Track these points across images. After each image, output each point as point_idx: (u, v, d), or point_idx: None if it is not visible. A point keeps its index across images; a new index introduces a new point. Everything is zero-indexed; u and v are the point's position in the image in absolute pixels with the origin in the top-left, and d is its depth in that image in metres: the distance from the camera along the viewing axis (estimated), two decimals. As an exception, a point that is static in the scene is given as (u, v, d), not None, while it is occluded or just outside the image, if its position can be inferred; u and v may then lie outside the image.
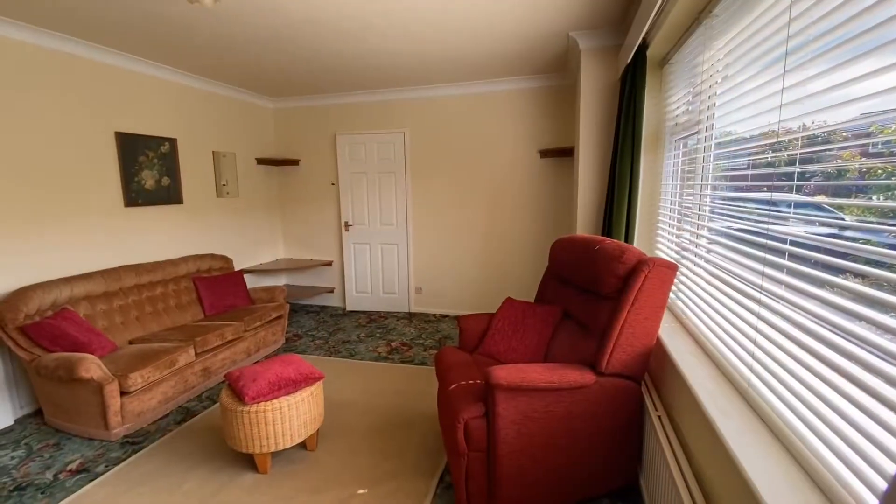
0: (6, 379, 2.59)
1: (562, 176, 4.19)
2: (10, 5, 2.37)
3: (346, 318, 4.75)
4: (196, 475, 2.12)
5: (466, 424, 1.73)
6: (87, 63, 3.04)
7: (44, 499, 1.98)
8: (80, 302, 2.77)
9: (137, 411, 2.47)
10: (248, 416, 2.03)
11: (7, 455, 2.31)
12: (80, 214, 3.03)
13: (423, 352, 3.69)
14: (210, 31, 2.80)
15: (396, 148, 4.64)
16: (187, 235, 3.90)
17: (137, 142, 3.38)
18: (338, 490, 2.01)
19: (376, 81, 4.16)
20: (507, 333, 2.27)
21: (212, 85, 4.07)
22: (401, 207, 4.74)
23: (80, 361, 2.25)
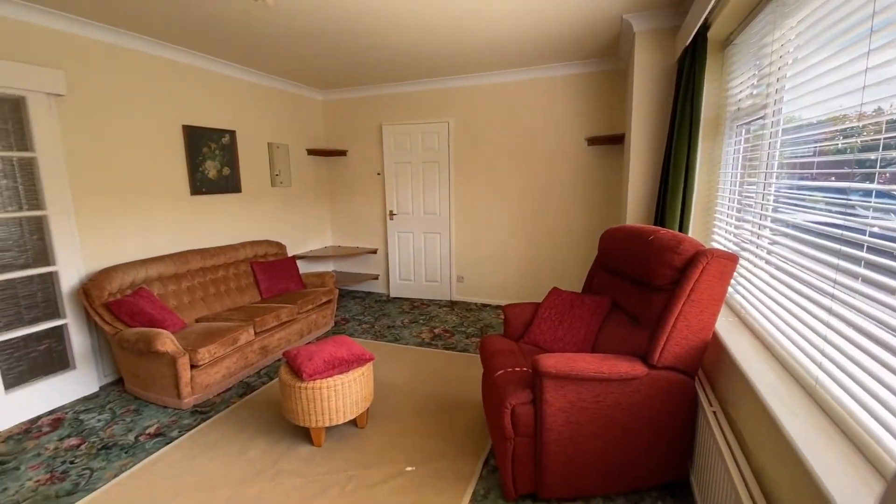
0: (92, 350, 2.89)
1: (610, 164, 4.07)
2: (97, 9, 2.58)
3: (390, 304, 4.88)
4: (258, 444, 2.29)
5: (513, 410, 1.76)
6: (159, 60, 3.27)
7: (127, 458, 2.21)
8: (153, 282, 3.03)
9: (205, 383, 2.69)
10: (305, 391, 2.16)
11: (94, 417, 2.59)
12: (154, 202, 3.29)
13: (465, 339, 3.75)
14: (267, 28, 2.92)
15: (441, 138, 4.68)
16: (245, 222, 4.14)
17: (201, 134, 3.61)
18: (387, 466, 2.11)
19: (422, 71, 4.19)
20: (553, 323, 2.27)
21: (267, 79, 4.26)
22: (444, 197, 4.78)
23: (157, 336, 2.47)
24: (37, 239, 2.63)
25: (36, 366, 2.65)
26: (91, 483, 2.02)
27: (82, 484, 2.02)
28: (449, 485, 1.97)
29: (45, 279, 2.67)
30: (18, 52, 2.50)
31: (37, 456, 2.23)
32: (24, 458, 2.21)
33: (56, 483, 2.03)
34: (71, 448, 2.29)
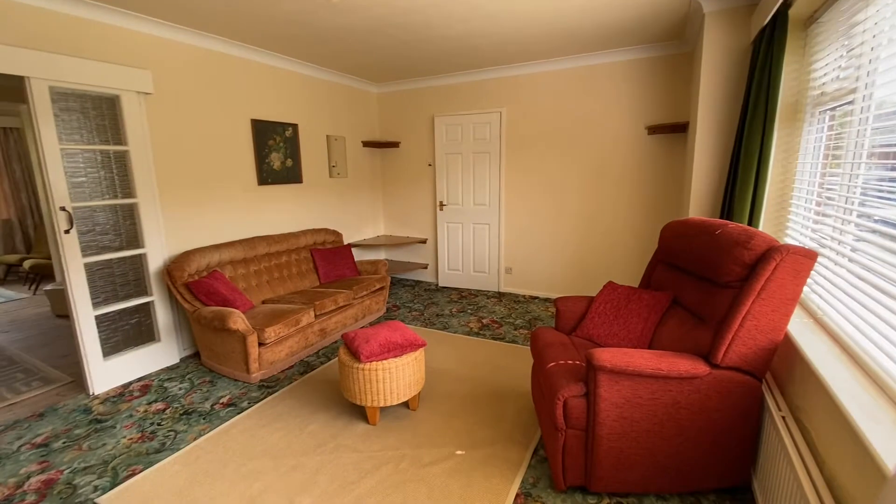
0: (174, 325, 3.19)
1: (672, 154, 3.88)
2: (180, 13, 2.81)
3: (438, 293, 4.98)
4: (318, 419, 2.45)
5: (566, 402, 1.76)
6: (231, 59, 3.50)
7: (205, 423, 2.44)
8: (225, 265, 3.29)
9: (270, 360, 2.90)
10: (363, 372, 2.28)
11: (176, 386, 2.87)
12: (225, 192, 3.55)
13: (513, 330, 3.76)
14: (327, 24, 3.04)
15: (492, 128, 4.65)
16: (305, 211, 4.37)
17: (267, 127, 3.83)
18: (438, 448, 2.19)
19: (475, 61, 4.18)
20: (608, 317, 2.23)
21: (326, 73, 4.42)
22: (494, 188, 4.77)
23: (230, 315, 2.69)
24: (129, 224, 2.93)
25: (128, 337, 2.98)
26: (175, 443, 2.26)
27: (168, 444, 2.26)
28: (498, 471, 2.02)
29: (135, 260, 2.98)
30: (113, 54, 2.77)
31: (129, 417, 2.52)
32: (119, 418, 2.50)
33: (146, 441, 2.28)
34: (157, 412, 2.56)
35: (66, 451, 2.21)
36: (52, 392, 2.80)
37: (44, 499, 1.89)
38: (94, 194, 2.74)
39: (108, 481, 1.99)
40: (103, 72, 2.66)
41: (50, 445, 2.26)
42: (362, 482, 1.95)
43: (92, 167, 2.73)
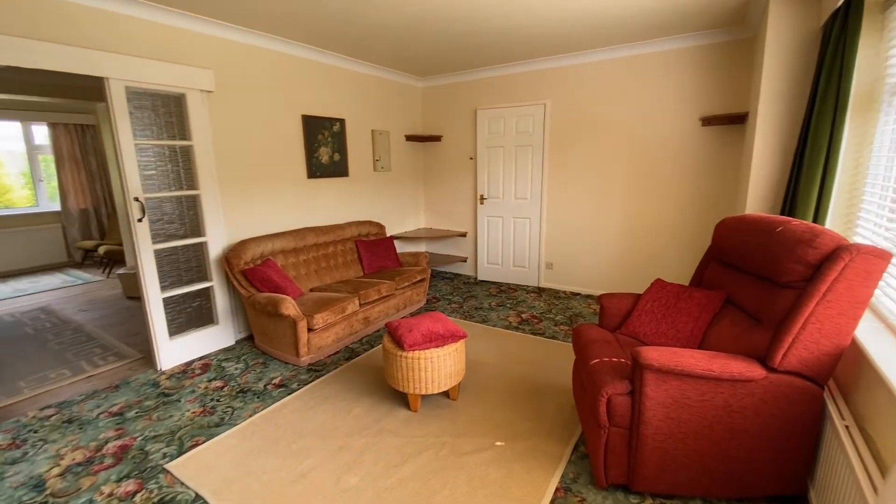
0: (230, 309, 3.41)
1: (728, 146, 3.68)
2: (239, 15, 2.97)
3: (477, 286, 5.00)
4: (362, 403, 2.56)
5: (609, 400, 1.75)
6: (284, 56, 3.65)
7: (259, 402, 2.61)
8: (277, 254, 3.47)
9: (318, 346, 3.05)
10: (406, 360, 2.35)
11: (233, 366, 3.07)
12: (278, 184, 3.73)
13: (553, 326, 3.72)
14: (376, 20, 3.10)
15: (536, 120, 4.59)
16: (351, 204, 4.51)
17: (316, 123, 3.98)
18: (478, 438, 2.23)
19: (520, 53, 4.13)
20: (655, 316, 2.18)
21: (372, 69, 4.52)
22: (536, 181, 4.72)
23: (282, 301, 2.85)
24: (192, 214, 3.15)
25: (190, 319, 3.21)
26: (233, 419, 2.43)
27: (226, 418, 2.44)
28: (537, 464, 2.03)
29: (197, 248, 3.20)
30: (180, 55, 2.97)
31: (192, 392, 2.73)
32: (183, 393, 2.72)
33: (207, 416, 2.47)
34: (216, 389, 2.76)
35: (139, 421, 2.43)
36: (125, 367, 3.08)
37: (120, 462, 2.10)
38: (162, 186, 2.96)
39: (175, 449, 2.18)
40: (171, 72, 2.86)
41: (124, 415, 2.49)
42: (405, 465, 2.03)
43: (160, 161, 2.95)
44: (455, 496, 1.84)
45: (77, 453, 2.16)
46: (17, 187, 7.02)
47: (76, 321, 4.04)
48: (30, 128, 6.36)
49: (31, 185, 6.84)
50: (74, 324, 3.97)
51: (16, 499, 1.87)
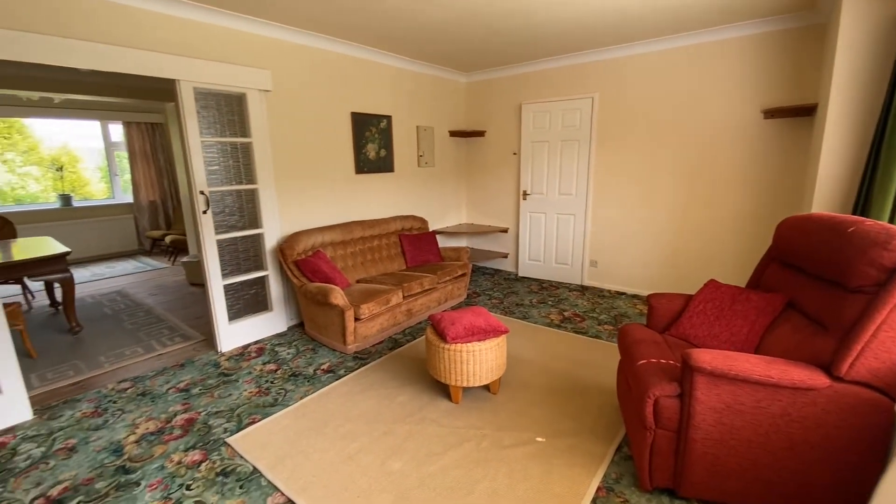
0: (283, 297, 3.61)
1: (793, 140, 3.45)
2: (294, 17, 3.11)
3: (518, 282, 4.98)
4: (406, 392, 2.64)
5: (657, 401, 1.71)
6: (335, 55, 3.79)
7: (309, 385, 2.75)
8: (327, 246, 3.63)
9: (364, 335, 3.17)
10: (448, 352, 2.40)
11: (285, 350, 3.25)
12: (328, 179, 3.89)
13: (596, 325, 3.65)
14: (425, 16, 3.15)
15: (583, 114, 4.49)
16: (395, 198, 4.62)
17: (364, 119, 4.10)
18: (518, 433, 2.25)
19: (567, 45, 4.05)
20: (708, 317, 2.10)
21: (418, 65, 4.58)
22: (581, 177, 4.62)
23: (332, 291, 2.98)
24: (250, 207, 3.35)
25: (247, 305, 3.43)
26: (286, 400, 2.59)
27: (280, 399, 2.60)
28: (579, 462, 2.02)
29: (254, 239, 3.41)
30: (241, 57, 3.15)
31: (249, 374, 2.92)
32: (241, 374, 2.92)
33: (262, 396, 2.64)
34: (270, 371, 2.94)
35: (202, 397, 2.64)
36: (189, 347, 3.34)
37: (187, 433, 2.29)
38: (224, 181, 3.17)
39: (234, 425, 2.35)
40: (234, 73, 3.05)
41: (190, 391, 2.71)
42: (446, 455, 2.08)
43: (223, 157, 3.16)
44: (495, 487, 1.87)
45: (150, 423, 2.38)
46: (94, 181, 7.72)
47: (147, 304, 4.41)
48: (107, 126, 6.96)
49: (107, 178, 7.50)
50: (146, 306, 4.34)
51: (98, 461, 2.10)
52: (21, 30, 2.25)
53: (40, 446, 2.21)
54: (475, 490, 1.86)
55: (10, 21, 2.23)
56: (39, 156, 7.26)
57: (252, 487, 1.90)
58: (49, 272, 3.44)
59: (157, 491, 1.89)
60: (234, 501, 1.82)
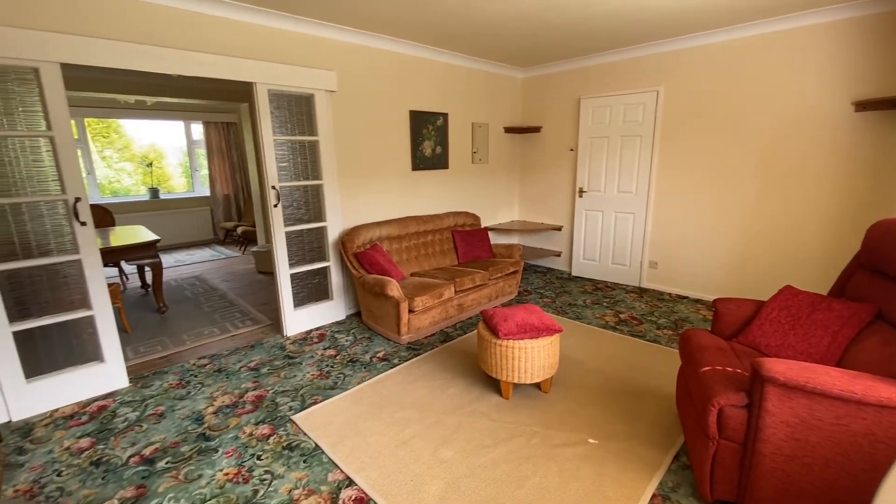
0: (343, 287, 3.80)
1: (888, 135, 3.10)
2: (359, 19, 3.25)
3: (571, 282, 4.88)
4: (457, 384, 2.70)
5: (721, 411, 1.64)
6: (395, 55, 3.90)
7: (365, 372, 2.89)
8: (384, 240, 3.77)
9: (417, 326, 3.27)
10: (500, 348, 2.43)
11: (343, 338, 3.43)
12: (386, 176, 4.03)
13: (655, 329, 3.51)
14: (484, 13, 3.16)
15: (646, 109, 4.30)
16: (448, 195, 4.69)
17: (422, 117, 4.20)
18: (569, 433, 2.23)
19: (630, 37, 3.88)
20: (782, 326, 1.96)
21: (475, 62, 4.60)
22: (643, 174, 4.43)
23: (388, 283, 3.10)
24: (315, 202, 3.56)
25: (310, 294, 3.65)
26: (344, 384, 2.74)
27: (339, 383, 2.75)
28: (633, 467, 1.98)
29: (318, 231, 3.62)
30: (309, 59, 3.34)
31: (311, 357, 3.11)
32: (304, 357, 3.12)
33: (323, 379, 2.81)
34: (330, 357, 3.12)
35: (270, 377, 2.85)
36: (258, 330, 3.61)
37: (257, 409, 2.50)
38: (292, 177, 3.38)
39: (298, 404, 2.53)
40: (303, 75, 3.24)
41: (259, 370, 2.94)
42: (496, 448, 2.12)
43: (291, 154, 3.37)
44: (545, 485, 1.88)
45: (225, 397, 2.62)
46: (176, 175, 8.49)
47: (221, 289, 4.82)
48: (189, 126, 7.62)
49: (187, 173, 8.22)
50: (220, 291, 4.74)
51: (183, 427, 2.35)
52: (126, 40, 2.53)
53: (135, 411, 2.51)
54: (525, 485, 1.88)
55: (117, 33, 2.52)
56: (132, 153, 8.11)
57: (314, 463, 2.04)
58: (142, 257, 3.86)
59: (232, 458, 2.09)
60: (298, 474, 1.97)
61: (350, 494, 1.85)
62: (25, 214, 2.40)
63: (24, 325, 2.43)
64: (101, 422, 2.40)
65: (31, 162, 2.38)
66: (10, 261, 2.36)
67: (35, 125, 2.35)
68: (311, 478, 1.95)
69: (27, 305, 2.47)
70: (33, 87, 2.32)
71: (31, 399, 2.46)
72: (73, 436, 2.28)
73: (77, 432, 2.31)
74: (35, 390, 2.47)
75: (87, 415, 2.47)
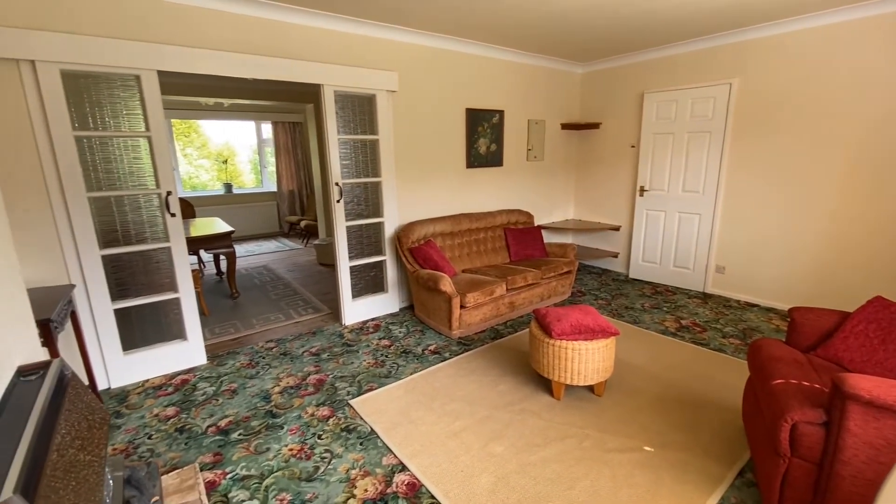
0: (397, 281, 3.93)
1: None
2: (420, 20, 3.33)
3: (628, 284, 4.70)
4: (506, 381, 2.71)
5: (795, 427, 1.53)
6: (452, 54, 3.95)
7: (417, 363, 2.98)
8: (437, 236, 3.85)
9: (468, 322, 3.32)
10: (553, 348, 2.41)
11: (397, 329, 3.55)
12: (441, 174, 4.11)
13: (720, 338, 3.31)
14: (551, 6, 3.12)
15: (717, 103, 4.03)
16: (502, 192, 4.69)
17: (478, 115, 4.22)
18: (623, 438, 2.18)
19: (701, 27, 3.66)
20: (870, 340, 1.79)
21: (532, 58, 4.54)
22: (712, 172, 4.17)
23: (441, 279, 3.17)
24: (374, 198, 3.70)
25: (367, 286, 3.81)
26: (398, 374, 2.85)
27: (393, 372, 2.86)
28: (691, 479, 1.90)
29: (376, 227, 3.76)
30: (372, 61, 3.47)
31: (367, 346, 3.26)
32: (360, 346, 3.27)
33: (378, 367, 2.94)
34: (385, 347, 3.25)
35: (330, 362, 3.02)
36: (319, 318, 3.83)
37: (318, 391, 2.66)
38: (353, 174, 3.54)
39: (355, 390, 2.66)
40: (366, 76, 3.38)
41: (320, 355, 3.13)
42: (547, 447, 2.11)
43: (353, 152, 3.53)
44: (597, 488, 1.86)
45: (290, 379, 2.82)
46: (246, 172, 9.13)
47: (286, 279, 5.14)
48: (260, 125, 8.16)
49: (256, 170, 8.82)
50: (285, 280, 5.07)
51: (253, 404, 2.55)
52: (215, 49, 2.78)
53: (212, 386, 2.76)
54: (576, 486, 1.87)
55: (207, 42, 2.77)
56: (208, 151, 8.82)
57: (370, 446, 2.15)
58: (219, 246, 4.22)
59: (295, 435, 2.25)
60: (355, 455, 2.09)
61: (403, 479, 1.93)
62: (126, 206, 2.72)
63: (123, 303, 2.75)
64: (184, 393, 2.67)
65: (131, 159, 2.69)
66: (113, 246, 2.68)
67: (136, 126, 2.65)
68: (367, 460, 2.05)
69: (126, 286, 2.79)
70: (135, 92, 2.61)
71: (126, 369, 2.79)
72: (161, 404, 2.56)
73: (164, 401, 2.59)
74: (130, 362, 2.80)
75: (172, 386, 2.76)
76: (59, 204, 2.47)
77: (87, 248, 2.57)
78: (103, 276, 2.64)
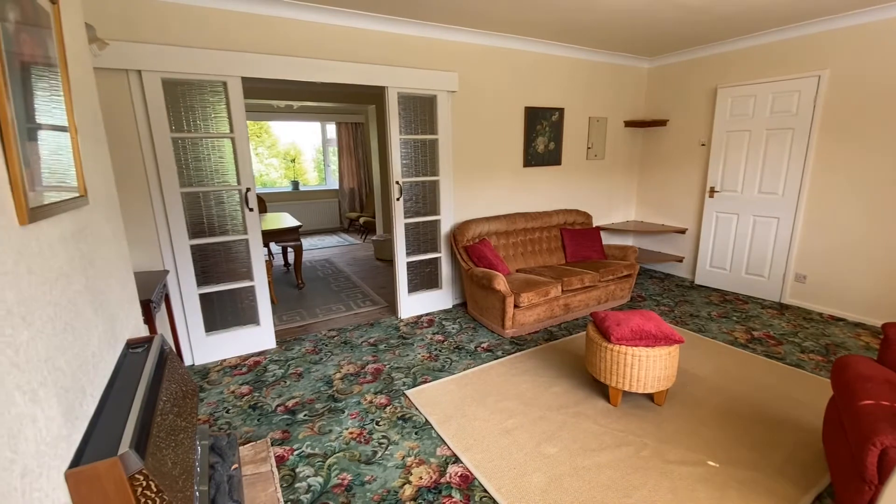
0: (451, 278, 4.00)
1: None
2: (481, 20, 3.35)
3: (693, 290, 4.45)
4: (561, 384, 2.69)
5: (884, 452, 1.40)
6: (512, 52, 3.94)
7: (470, 360, 3.03)
8: (492, 235, 3.87)
9: (521, 322, 3.31)
10: (611, 353, 2.36)
11: (450, 325, 3.62)
12: (497, 172, 4.12)
13: (798, 352, 3.06)
14: (611, 3, 3.03)
15: (802, 97, 3.70)
16: (559, 192, 4.61)
17: (537, 113, 4.18)
18: (685, 451, 2.09)
19: (784, 16, 3.37)
20: (985, 364, 1.59)
21: (593, 54, 4.41)
22: (794, 173, 3.83)
23: (495, 277, 3.20)
24: (431, 196, 3.80)
25: (422, 281, 3.92)
26: (451, 368, 2.91)
27: (446, 367, 2.93)
28: (760, 500, 1.79)
29: (432, 224, 3.86)
30: (433, 62, 3.54)
31: (422, 340, 3.36)
32: (415, 339, 3.37)
33: (432, 361, 3.02)
34: (439, 341, 3.33)
35: (387, 353, 3.15)
36: (376, 311, 3.99)
37: (376, 380, 2.79)
38: (412, 173, 3.65)
39: (410, 381, 2.76)
40: (428, 77, 3.47)
41: (377, 346, 3.27)
42: (602, 453, 2.08)
43: (413, 152, 3.64)
44: (654, 500, 1.80)
45: (350, 367, 2.97)
46: (310, 170, 9.64)
47: (346, 272, 5.40)
48: (324, 126, 8.59)
49: (320, 168, 9.29)
50: (345, 274, 5.32)
51: (317, 388, 2.73)
52: (291, 55, 2.98)
53: (280, 368, 2.98)
54: (633, 495, 1.82)
55: (284, 49, 2.99)
56: (277, 150, 9.42)
57: (425, 436, 2.23)
58: (288, 240, 4.52)
59: (355, 420, 2.38)
60: (411, 443, 2.18)
61: (456, 471, 1.99)
62: (212, 200, 3.00)
63: (207, 289, 3.04)
64: (257, 374, 2.91)
65: (217, 158, 2.96)
66: (200, 237, 2.97)
67: (221, 128, 2.91)
68: (422, 449, 2.13)
69: (209, 274, 3.08)
70: (221, 97, 2.87)
71: (208, 349, 3.08)
72: (237, 382, 2.81)
73: (239, 380, 2.84)
74: (211, 342, 3.09)
75: (246, 367, 3.01)
76: (157, 199, 2.78)
77: (179, 237, 2.87)
78: (191, 264, 2.94)
